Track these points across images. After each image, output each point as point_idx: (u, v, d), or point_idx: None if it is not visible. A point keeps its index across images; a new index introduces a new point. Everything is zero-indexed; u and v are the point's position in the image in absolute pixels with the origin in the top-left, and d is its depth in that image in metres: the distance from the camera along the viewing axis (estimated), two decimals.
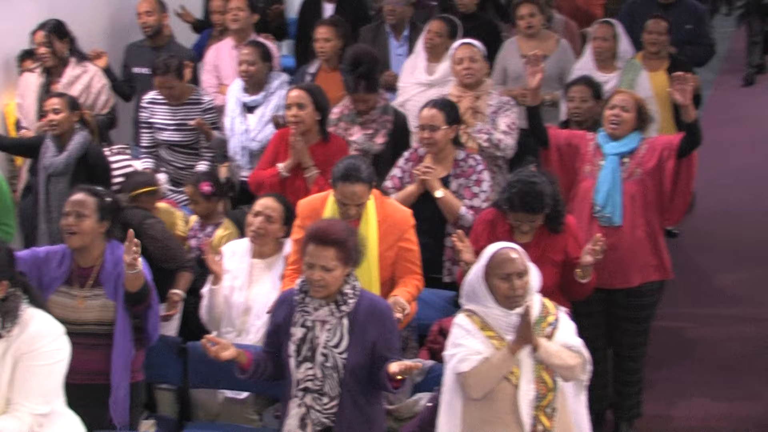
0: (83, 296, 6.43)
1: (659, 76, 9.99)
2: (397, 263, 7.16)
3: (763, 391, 9.10)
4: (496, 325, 5.99)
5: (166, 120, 9.36)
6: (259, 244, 7.45)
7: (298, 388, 6.08)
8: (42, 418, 5.35)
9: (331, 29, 10.06)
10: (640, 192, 7.78)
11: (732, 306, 10.55)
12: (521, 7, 10.54)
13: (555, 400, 6.08)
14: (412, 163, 8.12)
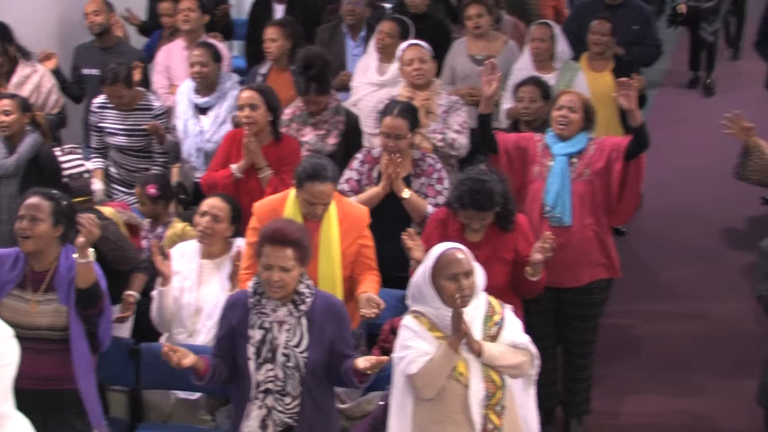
0: (36, 300, 6.38)
1: (604, 77, 10.14)
2: (357, 260, 7.19)
3: (710, 387, 9.16)
4: (444, 325, 5.96)
5: (116, 125, 9.32)
6: (207, 243, 7.43)
7: (259, 390, 6.09)
8: None
9: (278, 30, 10.04)
10: (588, 192, 7.81)
11: (679, 303, 10.60)
12: (469, 8, 10.54)
13: (504, 398, 6.09)
14: (368, 165, 8.13)
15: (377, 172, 8.03)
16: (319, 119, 8.99)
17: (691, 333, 10.09)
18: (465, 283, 5.93)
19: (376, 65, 9.92)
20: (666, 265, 11.22)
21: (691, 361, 9.59)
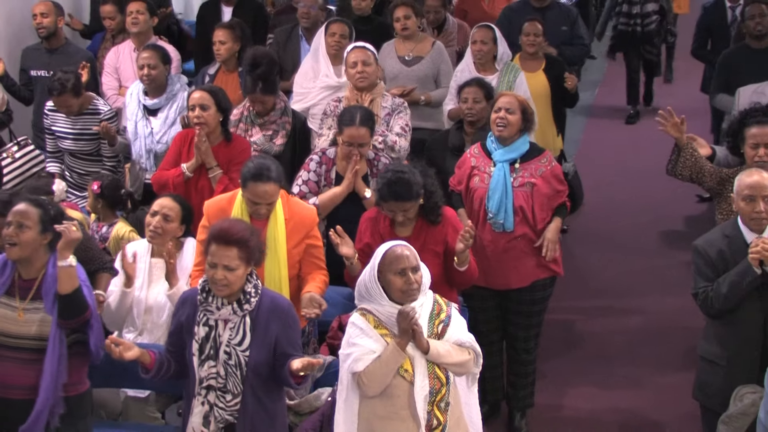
0: (23, 308, 6.22)
1: (538, 76, 10.26)
2: (304, 259, 7.19)
3: (646, 381, 9.22)
4: (390, 322, 5.97)
5: (66, 130, 9.30)
6: (158, 243, 7.38)
7: (201, 386, 6.07)
8: None
9: (228, 32, 10.05)
10: (530, 199, 7.87)
11: (617, 299, 10.69)
12: (397, 10, 10.63)
13: (448, 394, 6.08)
14: (325, 167, 8.11)
15: (335, 173, 8.03)
16: (267, 120, 8.99)
17: (628, 327, 10.17)
18: (413, 277, 5.93)
19: (332, 69, 9.81)
20: (606, 262, 11.30)
21: (630, 356, 9.65)
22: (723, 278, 6.63)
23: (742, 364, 6.63)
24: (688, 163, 7.71)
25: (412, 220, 7.20)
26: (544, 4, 11.66)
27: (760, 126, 7.40)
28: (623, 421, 8.70)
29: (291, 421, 6.81)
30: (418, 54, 10.42)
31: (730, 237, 6.73)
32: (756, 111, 7.70)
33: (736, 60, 9.99)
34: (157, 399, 7.42)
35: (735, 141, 7.62)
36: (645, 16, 13.11)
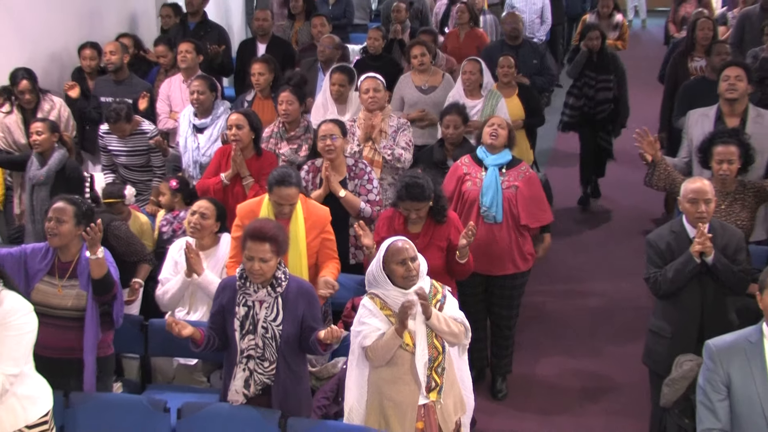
0: (62, 285, 6.35)
1: (513, 100, 10.30)
2: (320, 250, 7.22)
3: (604, 351, 9.22)
4: (394, 304, 6.02)
5: (120, 148, 9.26)
6: (198, 237, 7.43)
7: (242, 356, 6.13)
8: (13, 378, 5.37)
9: (263, 65, 10.00)
10: (513, 200, 7.90)
11: (581, 284, 10.68)
12: (414, 48, 10.68)
13: (444, 361, 6.11)
14: (312, 174, 8.14)
15: (319, 179, 8.05)
16: (293, 135, 9.04)
17: (590, 307, 10.15)
18: (412, 266, 6.01)
19: (335, 108, 9.74)
20: (572, 253, 11.28)
21: (591, 330, 9.64)
22: (669, 266, 6.66)
23: (683, 337, 6.63)
24: (663, 176, 7.81)
25: (423, 219, 7.21)
26: (517, 43, 11.82)
27: (724, 145, 7.41)
28: (585, 384, 8.68)
29: (313, 384, 6.86)
30: (432, 84, 10.49)
31: (677, 232, 6.75)
32: (722, 133, 7.71)
33: (696, 90, 9.98)
34: (203, 366, 7.43)
35: (705, 157, 7.60)
36: (598, 103, 11.58)
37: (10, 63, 9.99)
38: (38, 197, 8.65)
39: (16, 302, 5.43)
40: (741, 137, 7.59)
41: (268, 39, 12.14)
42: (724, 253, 6.57)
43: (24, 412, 5.51)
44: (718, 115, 8.43)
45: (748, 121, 8.34)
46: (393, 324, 5.96)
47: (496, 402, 8.28)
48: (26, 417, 5.52)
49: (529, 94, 10.50)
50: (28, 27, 10.84)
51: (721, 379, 4.95)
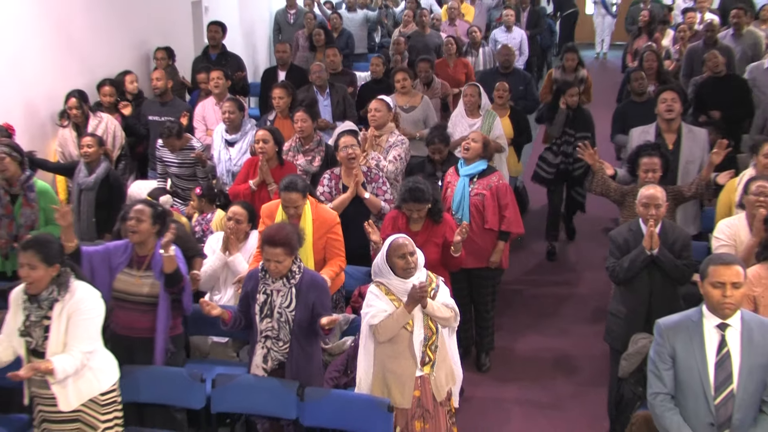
0: (140, 276, 6.38)
1: (505, 120, 10.26)
2: (327, 249, 7.22)
3: (571, 330, 9.23)
4: (396, 291, 6.05)
5: (172, 160, 9.30)
6: (234, 237, 7.48)
7: (261, 335, 6.18)
8: (89, 354, 5.49)
9: (283, 90, 10.03)
10: (480, 206, 7.96)
11: (552, 274, 10.65)
12: (397, 74, 10.75)
13: (437, 340, 6.12)
14: (334, 181, 8.14)
15: (342, 184, 8.08)
16: (308, 149, 9.07)
17: (558, 293, 10.13)
18: (411, 259, 6.03)
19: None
20: (542, 246, 11.21)
21: (560, 313, 9.64)
22: (625, 258, 6.70)
23: (637, 318, 6.67)
24: (599, 183, 7.88)
25: (422, 219, 7.24)
26: (508, 71, 11.78)
27: (649, 157, 7.51)
28: (555, 358, 8.69)
29: (326, 359, 6.86)
30: (412, 105, 10.53)
31: (633, 230, 6.77)
32: (647, 146, 7.78)
33: (627, 111, 10.17)
34: (233, 343, 7.45)
35: (633, 167, 7.69)
36: (576, 159, 10.03)
37: (73, 86, 10.07)
38: (85, 200, 8.72)
39: (86, 291, 5.55)
40: (662, 150, 7.72)
41: (287, 67, 12.23)
42: (673, 248, 6.61)
43: (98, 382, 5.63)
44: (657, 131, 8.55)
45: (683, 136, 8.46)
46: (396, 307, 5.99)
47: (480, 374, 8.29)
48: (100, 386, 5.64)
49: (519, 116, 10.48)
50: (87, 56, 10.92)
51: (667, 351, 4.98)
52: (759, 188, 6.80)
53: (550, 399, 7.96)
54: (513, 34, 14.93)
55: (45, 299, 5.45)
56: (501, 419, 7.63)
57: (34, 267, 5.38)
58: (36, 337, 5.49)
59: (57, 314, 5.44)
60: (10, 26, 9.60)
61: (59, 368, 5.33)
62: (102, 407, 5.66)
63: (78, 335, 5.43)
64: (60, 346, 5.42)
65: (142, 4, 12.13)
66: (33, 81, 9.98)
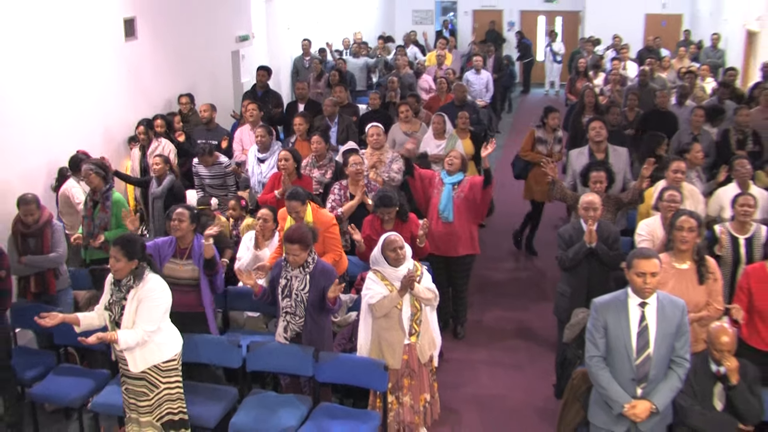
0: (182, 264, 6.41)
1: (466, 141, 10.14)
2: (325, 245, 7.14)
3: (528, 306, 9.18)
4: (389, 277, 6.07)
5: (205, 173, 9.29)
6: (262, 235, 7.49)
7: (282, 311, 6.18)
8: (150, 332, 5.52)
9: (302, 119, 10.05)
10: (463, 204, 7.87)
11: (513, 261, 10.62)
12: (401, 106, 10.69)
13: (421, 315, 6.13)
14: (343, 191, 8.10)
15: (349, 193, 8.05)
16: (322, 164, 9.06)
17: (518, 277, 10.09)
18: (400, 252, 6.06)
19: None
20: (505, 240, 11.20)
21: (520, 293, 9.60)
22: (571, 249, 6.73)
23: (578, 296, 6.70)
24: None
25: (393, 219, 7.21)
26: (462, 104, 11.56)
27: (597, 172, 7.55)
28: (515, 328, 8.67)
29: (335, 330, 6.84)
30: (414, 130, 10.50)
31: (576, 228, 6.81)
32: (595, 163, 7.85)
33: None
34: (263, 317, 7.42)
35: (584, 179, 7.70)
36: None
37: (140, 117, 10.22)
38: (156, 207, 8.77)
39: (156, 282, 5.58)
40: (606, 166, 7.76)
41: (305, 101, 12.18)
42: (606, 242, 6.66)
43: (160, 353, 5.65)
44: (590, 152, 8.59)
45: (609, 155, 8.55)
46: (389, 290, 6.00)
47: (456, 341, 8.28)
48: (161, 356, 5.66)
49: (476, 137, 10.38)
50: (151, 93, 10.98)
51: (601, 324, 4.98)
52: (669, 196, 6.88)
53: (512, 360, 7.96)
54: (481, 75, 14.93)
55: (124, 285, 5.52)
56: (472, 376, 7.63)
57: (118, 259, 5.45)
58: (115, 312, 5.56)
59: (131, 298, 5.50)
60: (93, 71, 9.74)
61: (122, 340, 5.41)
62: (163, 372, 5.69)
63: (143, 316, 5.47)
64: (130, 323, 5.48)
65: (192, 53, 12.16)
66: (111, 113, 10.09)
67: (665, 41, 19.78)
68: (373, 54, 17.71)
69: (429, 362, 6.29)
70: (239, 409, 6.11)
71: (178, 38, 11.66)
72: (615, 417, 5.02)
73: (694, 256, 5.91)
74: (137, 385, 5.68)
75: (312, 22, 17.61)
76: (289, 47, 16.48)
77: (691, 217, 5.93)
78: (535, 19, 25.26)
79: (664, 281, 5.71)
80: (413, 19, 25.83)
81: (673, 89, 12.83)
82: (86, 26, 9.54)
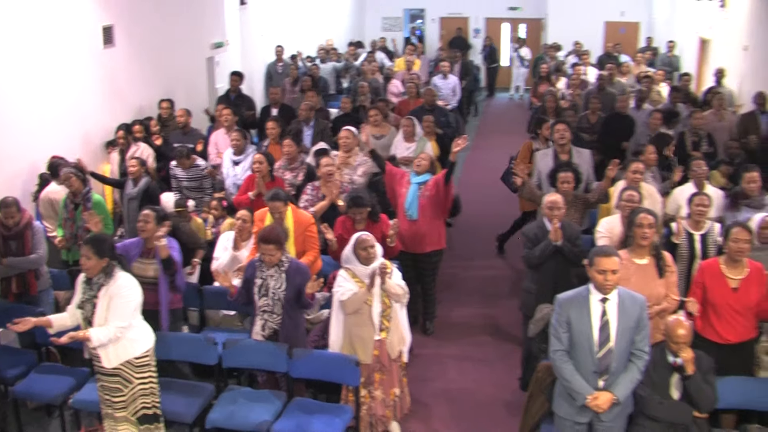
0: (148, 263, 6.41)
1: (433, 143, 10.19)
2: (305, 243, 7.17)
3: (496, 302, 9.17)
4: (360, 275, 6.08)
5: (183, 175, 9.30)
6: (240, 236, 7.39)
7: (259, 310, 6.13)
8: (122, 329, 5.48)
9: (275, 123, 10.00)
10: (428, 203, 7.88)
11: (480, 260, 10.59)
12: (371, 111, 10.64)
13: (391, 311, 6.14)
14: (315, 191, 8.12)
15: (321, 194, 8.06)
16: (293, 167, 8.98)
17: (484, 275, 10.08)
18: (371, 251, 6.07)
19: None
20: (474, 240, 11.21)
21: (487, 290, 9.60)
22: (537, 248, 6.74)
23: (543, 292, 6.67)
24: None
25: (364, 220, 7.20)
26: (432, 107, 11.56)
27: (565, 173, 7.61)
28: (482, 322, 8.68)
29: (308, 327, 6.80)
30: (382, 133, 10.47)
31: (541, 227, 6.82)
32: (563, 164, 7.88)
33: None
34: (238, 315, 7.38)
35: (553, 180, 7.74)
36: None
37: (118, 122, 10.16)
38: (131, 208, 8.68)
39: (126, 280, 5.53)
40: (574, 167, 7.79)
41: (278, 105, 12.13)
42: (569, 240, 6.68)
43: (132, 349, 5.60)
44: (554, 154, 8.63)
45: (574, 156, 8.59)
46: (360, 288, 6.00)
47: (425, 336, 8.27)
48: (133, 352, 5.61)
49: (443, 139, 10.44)
50: (128, 99, 10.88)
51: (564, 319, 5.01)
52: (629, 196, 6.95)
53: (479, 355, 7.96)
54: (448, 80, 14.97)
55: (95, 283, 5.48)
56: (441, 371, 7.63)
57: (89, 257, 5.42)
58: (87, 310, 5.52)
59: (102, 295, 5.45)
60: (74, 77, 9.68)
61: (94, 337, 5.38)
62: (136, 367, 5.64)
63: (115, 313, 5.43)
64: (103, 320, 5.44)
65: (169, 59, 12.08)
66: (89, 118, 9.99)
67: (624, 47, 19.98)
68: (342, 59, 17.73)
69: (399, 357, 6.30)
70: (216, 405, 6.07)
71: (154, 45, 11.58)
72: (578, 408, 5.05)
73: (651, 251, 5.98)
74: (111, 381, 5.64)
75: (284, 29, 17.56)
76: (262, 53, 16.43)
77: (649, 214, 6.00)
78: (499, 25, 25.37)
79: (626, 277, 5.76)
80: (382, 26, 25.85)
81: (632, 93, 12.94)
82: (65, 34, 9.47)
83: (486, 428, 6.67)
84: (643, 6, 23.15)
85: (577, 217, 7.67)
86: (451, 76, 15.22)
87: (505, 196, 11.24)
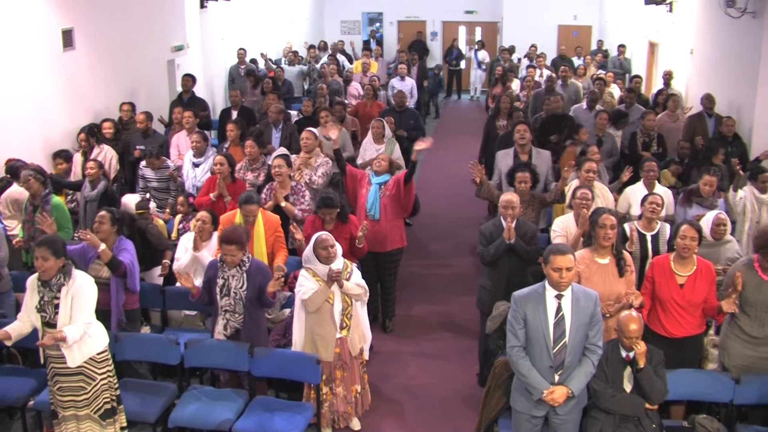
0: (102, 264, 6.32)
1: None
2: (275, 244, 7.17)
3: (452, 300, 9.19)
4: (321, 274, 6.05)
5: (151, 176, 9.22)
6: (201, 238, 7.31)
7: (221, 309, 6.09)
8: (88, 325, 5.44)
9: (234, 125, 9.95)
10: (389, 202, 7.91)
11: (438, 258, 10.61)
12: (321, 113, 10.62)
13: (352, 310, 6.14)
14: (270, 191, 8.11)
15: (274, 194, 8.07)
16: (255, 167, 8.99)
17: (442, 273, 10.10)
18: (331, 251, 6.05)
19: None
20: (432, 239, 11.23)
21: (445, 288, 9.62)
22: (491, 246, 6.75)
23: (498, 289, 6.73)
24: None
25: (334, 220, 7.18)
26: (401, 110, 11.66)
27: (522, 172, 7.65)
28: (440, 321, 8.69)
29: (269, 326, 6.79)
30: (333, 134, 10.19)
31: (497, 225, 6.82)
32: (521, 165, 7.92)
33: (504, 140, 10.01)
34: (200, 316, 7.34)
35: (511, 180, 7.78)
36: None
37: (80, 125, 10.08)
38: (90, 209, 8.52)
39: (83, 278, 5.48)
40: (531, 167, 7.82)
41: (238, 108, 12.08)
42: (524, 238, 6.70)
43: (94, 345, 5.54)
44: (515, 153, 8.69)
45: (533, 156, 8.66)
46: (321, 286, 5.98)
47: (385, 334, 8.27)
48: (95, 347, 5.55)
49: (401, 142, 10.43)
50: (90, 102, 10.74)
51: (521, 315, 5.02)
52: (582, 194, 7.00)
53: (437, 351, 7.98)
54: (406, 82, 14.98)
55: (54, 284, 5.39)
56: (400, 367, 7.64)
57: (46, 259, 5.33)
58: (48, 312, 5.42)
59: (64, 295, 5.38)
60: (34, 80, 9.54)
61: (69, 336, 5.31)
62: (98, 363, 5.58)
63: (80, 310, 5.38)
64: (67, 319, 5.37)
65: (129, 62, 11.93)
66: (50, 121, 9.84)
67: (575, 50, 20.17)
68: (305, 62, 17.68)
69: (360, 355, 6.30)
70: (178, 404, 6.02)
71: (115, 48, 11.43)
72: (535, 402, 5.09)
73: (612, 251, 6.03)
74: (73, 381, 5.55)
75: (245, 33, 17.45)
76: (223, 56, 16.30)
77: (611, 215, 6.04)
78: (456, 29, 25.47)
79: (588, 276, 5.83)
80: (341, 29, 25.81)
81: (585, 95, 13.08)
82: (25, 37, 9.29)
83: (445, 423, 6.68)
84: (595, 10, 23.42)
85: (533, 216, 7.72)
86: (408, 78, 15.24)
87: (462, 196, 11.30)
